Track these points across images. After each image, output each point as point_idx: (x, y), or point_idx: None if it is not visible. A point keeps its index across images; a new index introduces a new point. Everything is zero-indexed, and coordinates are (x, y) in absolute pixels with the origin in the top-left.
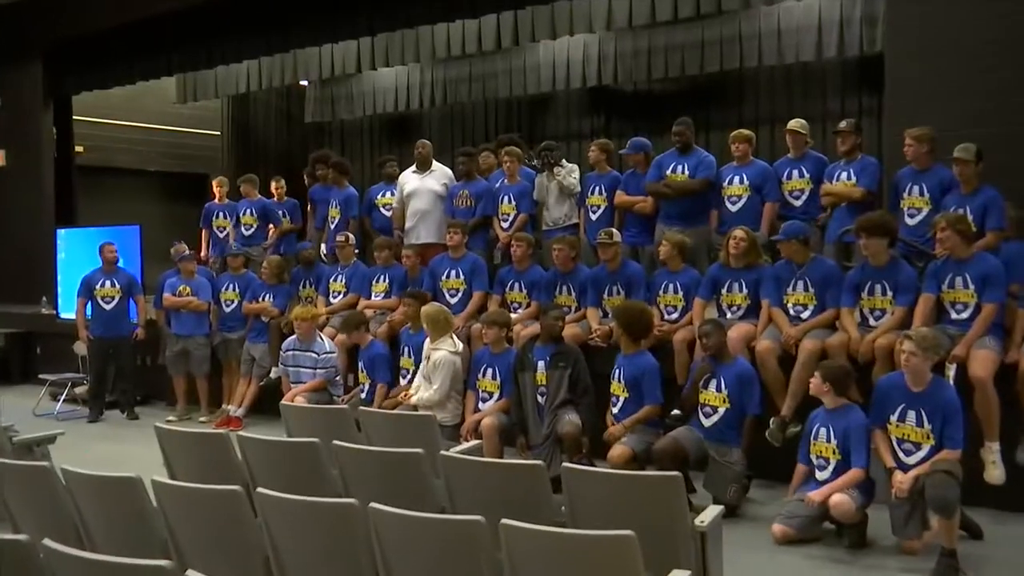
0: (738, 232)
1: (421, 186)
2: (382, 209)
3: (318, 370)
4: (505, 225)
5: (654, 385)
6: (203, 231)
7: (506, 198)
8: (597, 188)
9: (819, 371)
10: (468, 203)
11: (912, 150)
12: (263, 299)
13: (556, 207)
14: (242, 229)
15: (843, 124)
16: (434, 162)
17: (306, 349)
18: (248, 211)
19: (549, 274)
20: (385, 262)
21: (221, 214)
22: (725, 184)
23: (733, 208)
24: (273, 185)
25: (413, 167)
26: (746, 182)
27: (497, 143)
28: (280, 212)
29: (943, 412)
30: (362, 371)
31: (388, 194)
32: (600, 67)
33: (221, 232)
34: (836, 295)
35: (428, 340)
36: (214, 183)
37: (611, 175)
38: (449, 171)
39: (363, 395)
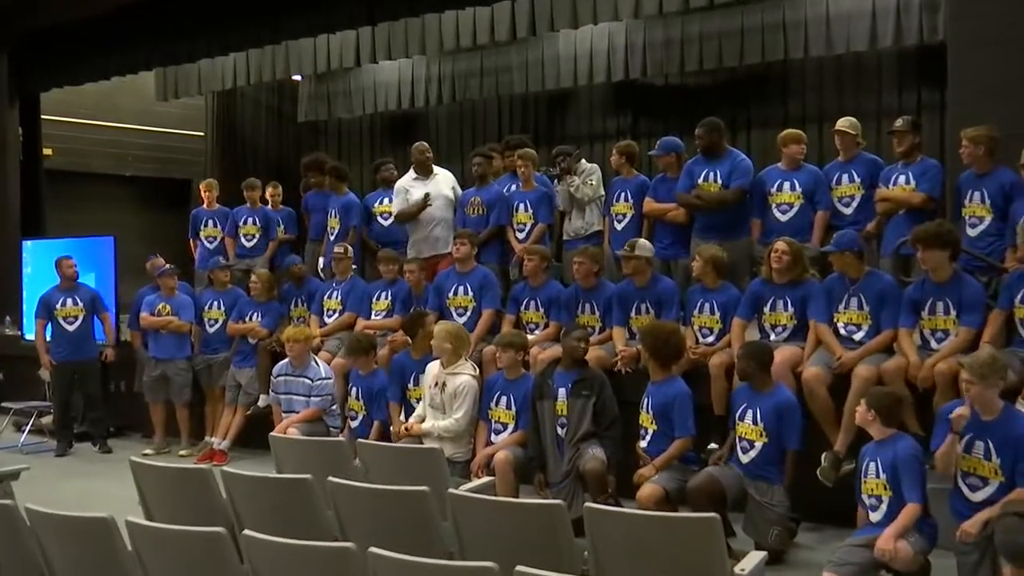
0: (780, 244)
1: (430, 191)
2: (379, 218)
3: (312, 398)
4: (521, 236)
5: (686, 415)
6: (192, 242)
7: (522, 206)
8: (622, 195)
9: (865, 398)
10: (480, 211)
11: (968, 152)
12: (250, 318)
13: (576, 216)
14: (243, 239)
15: (899, 122)
16: (435, 167)
17: (299, 374)
18: (250, 220)
19: (569, 291)
20: (389, 276)
21: (211, 222)
22: (773, 191)
23: (783, 217)
24: (269, 191)
25: (412, 173)
26: (798, 189)
27: (505, 144)
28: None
29: (1015, 446)
30: (357, 399)
31: (386, 200)
32: (627, 59)
33: (211, 242)
34: (893, 314)
35: (438, 364)
36: (202, 187)
37: (638, 180)
38: (451, 175)
39: (354, 424)
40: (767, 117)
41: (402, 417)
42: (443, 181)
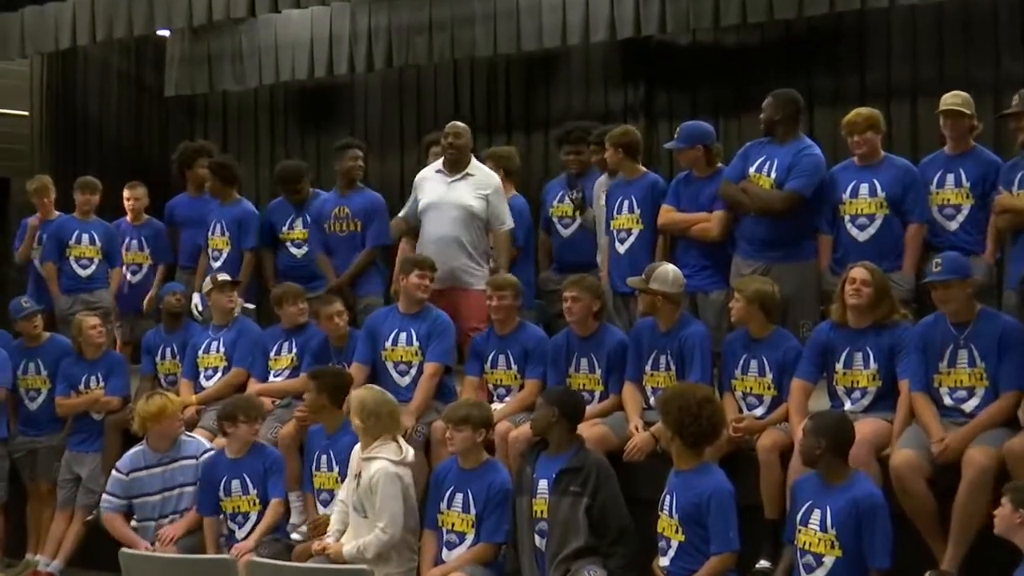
0: (857, 272)
1: (446, 196)
2: (290, 246)
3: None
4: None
5: (725, 521)
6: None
7: None
8: (625, 202)
9: (1008, 494)
10: None
11: None
12: (86, 385)
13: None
14: (74, 265)
15: (1016, 100)
16: (474, 160)
17: (170, 460)
18: (86, 237)
19: (557, 339)
20: (292, 321)
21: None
22: (845, 196)
23: (860, 234)
24: (127, 196)
25: (438, 164)
26: (880, 193)
27: (432, 140)
28: (136, 239)
29: None
30: (245, 494)
31: (300, 224)
32: (639, 9)
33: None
34: (1019, 371)
35: (359, 446)
36: (32, 189)
37: (645, 180)
38: (496, 177)
39: (241, 532)
40: (837, 90)
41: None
42: (474, 183)
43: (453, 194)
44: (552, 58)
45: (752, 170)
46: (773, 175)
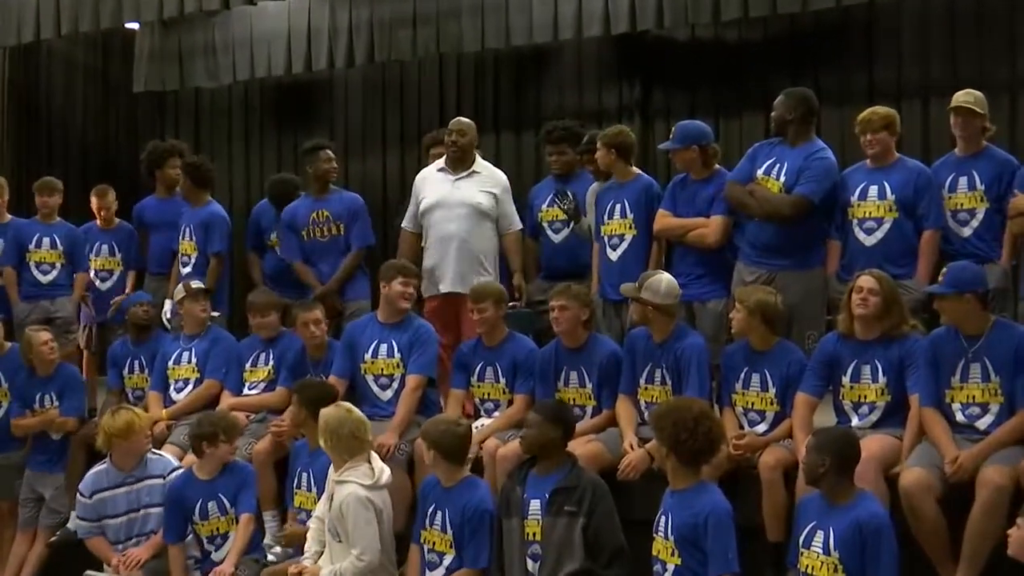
0: (865, 280)
1: (451, 195)
2: (278, 250)
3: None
4: None
5: (724, 543)
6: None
7: None
8: (617, 206)
9: None
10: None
11: None
12: (40, 403)
13: None
14: (34, 271)
15: None
16: (479, 157)
17: (135, 479)
18: (47, 240)
19: (546, 350)
20: (267, 331)
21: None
22: (853, 198)
23: (868, 238)
24: (95, 200)
25: (439, 163)
26: (890, 195)
27: (428, 143)
28: (106, 244)
29: None
30: (224, 515)
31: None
32: (635, 3)
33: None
34: None
35: (332, 467)
36: None
37: (639, 183)
38: (503, 176)
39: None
40: (844, 87)
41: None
42: (480, 181)
43: (459, 192)
44: (543, 54)
45: (760, 172)
46: (782, 178)
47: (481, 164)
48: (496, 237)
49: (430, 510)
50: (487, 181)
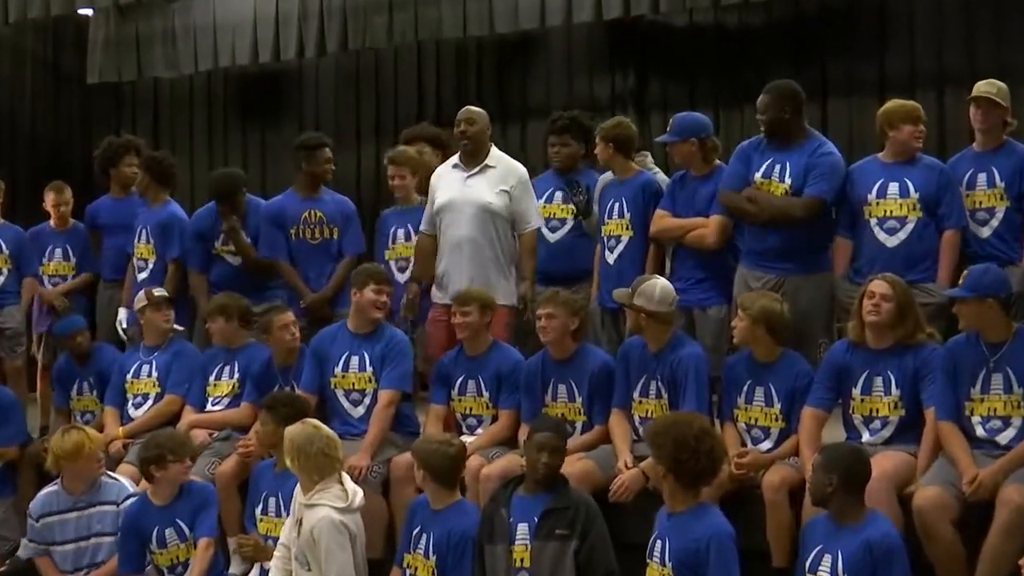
0: (878, 286)
1: (463, 194)
2: (229, 259)
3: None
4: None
5: (726, 568)
6: None
7: (401, 231)
8: (616, 205)
9: None
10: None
11: None
12: None
13: None
14: None
15: None
16: (494, 150)
17: (87, 504)
18: None
19: (532, 362)
20: (226, 337)
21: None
22: (871, 196)
23: (889, 239)
24: (50, 198)
25: (455, 159)
26: (912, 193)
27: (405, 138)
28: (60, 247)
29: None
30: (183, 541)
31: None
32: None
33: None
34: None
35: (299, 488)
36: None
37: (639, 180)
38: (521, 168)
39: None
40: (854, 75)
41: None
42: (495, 176)
43: (470, 191)
44: (530, 41)
45: (759, 176)
46: (787, 180)
47: (496, 156)
48: (514, 238)
49: (415, 532)
50: (501, 176)
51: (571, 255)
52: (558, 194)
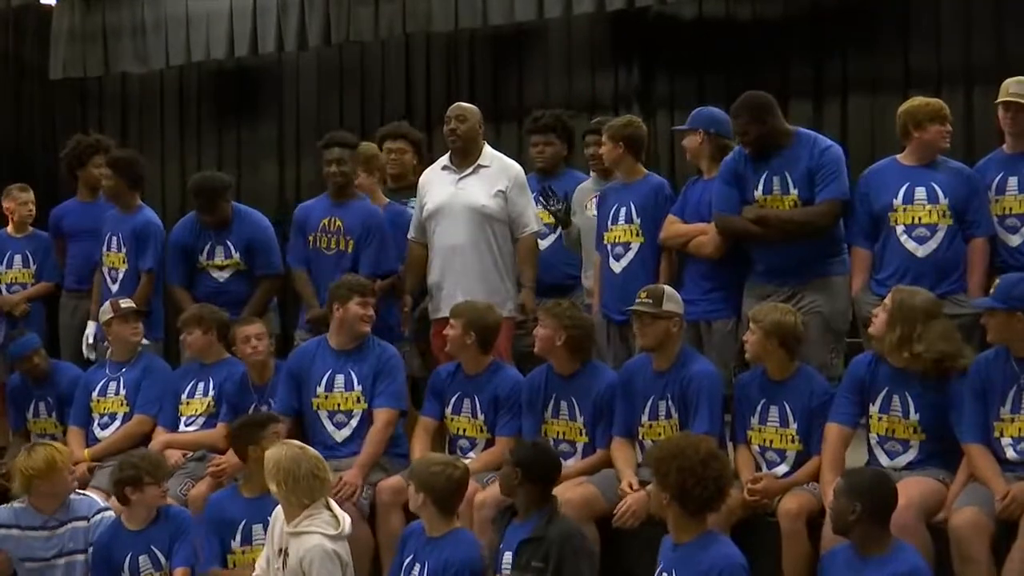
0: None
1: (455, 197)
2: (213, 273)
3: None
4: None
5: None
6: None
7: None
8: (623, 209)
9: None
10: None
11: None
12: None
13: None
14: None
15: None
16: (487, 148)
17: (58, 523)
18: None
19: (533, 378)
20: (201, 351)
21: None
22: (896, 201)
23: (919, 248)
24: (9, 205)
25: (444, 160)
26: (942, 199)
27: (381, 136)
28: (19, 254)
29: None
30: (158, 570)
31: (221, 253)
32: None
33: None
34: None
35: (282, 514)
36: None
37: (648, 183)
38: (516, 167)
39: None
40: (876, 73)
41: None
42: (488, 177)
43: (462, 194)
44: (526, 34)
45: (759, 194)
46: (793, 191)
47: (490, 155)
48: (512, 243)
49: (407, 561)
50: (495, 177)
51: (555, 265)
52: (543, 199)
